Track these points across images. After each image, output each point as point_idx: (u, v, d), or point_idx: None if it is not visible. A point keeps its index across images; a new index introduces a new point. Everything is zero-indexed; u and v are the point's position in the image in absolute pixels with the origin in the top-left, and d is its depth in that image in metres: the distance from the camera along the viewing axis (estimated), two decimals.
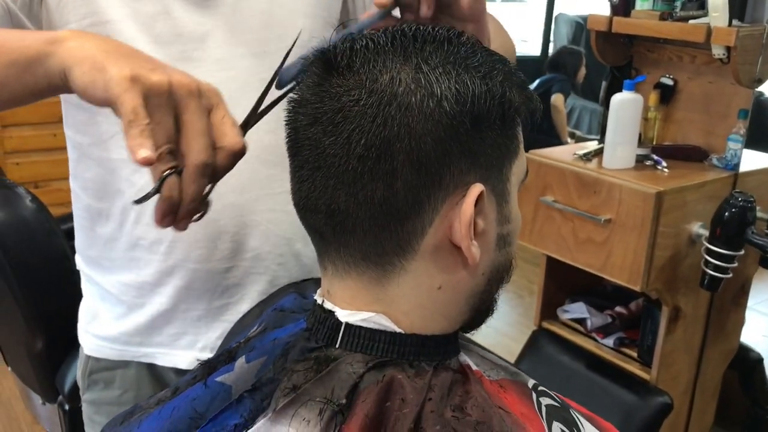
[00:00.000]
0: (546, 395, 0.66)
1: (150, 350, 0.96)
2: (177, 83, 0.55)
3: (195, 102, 0.55)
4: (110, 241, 0.93)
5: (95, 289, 0.99)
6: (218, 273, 0.91)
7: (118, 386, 0.99)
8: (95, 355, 1.00)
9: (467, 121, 0.54)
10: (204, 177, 0.55)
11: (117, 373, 0.99)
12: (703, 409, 2.04)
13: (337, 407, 0.55)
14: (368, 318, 0.59)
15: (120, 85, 0.53)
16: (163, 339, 0.95)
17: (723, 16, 1.66)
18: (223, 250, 0.90)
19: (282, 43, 0.88)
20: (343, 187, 0.54)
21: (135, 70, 0.54)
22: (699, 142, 1.91)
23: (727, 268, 1.62)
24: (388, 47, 0.55)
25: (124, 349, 0.97)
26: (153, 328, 0.95)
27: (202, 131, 0.55)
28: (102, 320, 0.99)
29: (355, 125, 0.53)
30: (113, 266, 0.95)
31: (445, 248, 0.57)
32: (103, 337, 0.99)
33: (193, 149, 0.55)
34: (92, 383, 1.01)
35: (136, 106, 0.53)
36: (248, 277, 0.93)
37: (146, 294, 0.93)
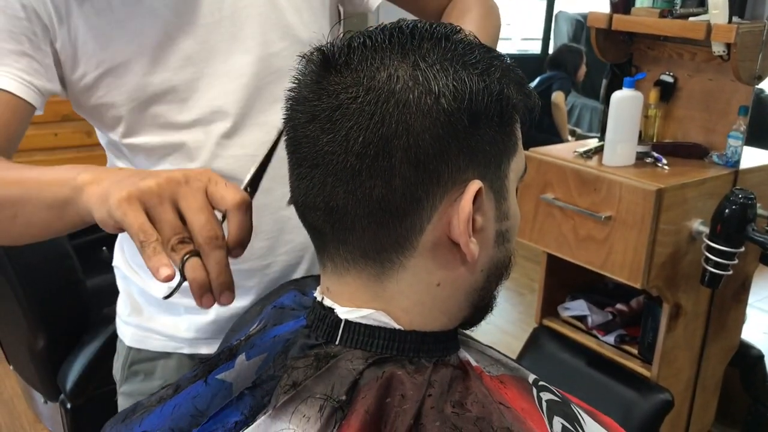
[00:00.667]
0: (547, 390, 0.66)
1: (194, 341, 1.01)
2: (164, 180, 0.58)
3: (184, 188, 0.58)
4: None
5: (138, 288, 1.03)
6: (258, 270, 0.96)
7: (158, 377, 1.03)
8: (137, 346, 1.03)
9: (465, 118, 0.54)
10: (219, 248, 0.57)
11: (158, 363, 1.03)
12: (704, 406, 2.04)
13: (337, 404, 0.55)
14: (368, 315, 0.59)
15: (119, 209, 0.57)
16: (210, 334, 1.00)
17: (723, 13, 1.65)
18: (260, 248, 0.95)
19: (283, 43, 0.92)
20: (342, 185, 0.55)
21: (127, 188, 0.57)
22: (699, 139, 1.91)
23: (728, 265, 1.62)
24: (385, 44, 0.55)
25: (169, 340, 1.02)
26: (200, 324, 0.99)
27: (200, 208, 0.57)
28: (145, 314, 1.03)
29: (353, 122, 0.53)
30: None
31: (443, 245, 0.57)
32: (147, 329, 1.03)
33: (196, 228, 0.57)
34: (131, 375, 1.04)
35: (140, 223, 0.56)
36: (287, 269, 0.98)
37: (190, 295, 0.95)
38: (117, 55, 0.86)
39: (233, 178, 0.74)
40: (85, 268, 1.89)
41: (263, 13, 0.91)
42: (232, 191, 0.59)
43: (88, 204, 0.63)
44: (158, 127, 0.90)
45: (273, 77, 0.92)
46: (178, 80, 0.89)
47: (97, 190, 0.62)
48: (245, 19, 0.90)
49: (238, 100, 0.91)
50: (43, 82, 0.84)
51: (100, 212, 0.60)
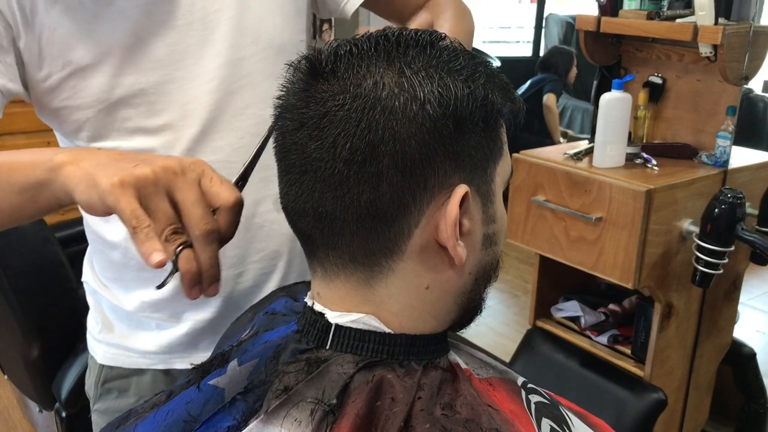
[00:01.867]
0: (535, 393, 0.67)
1: (167, 356, 0.99)
2: (160, 169, 0.58)
3: (180, 179, 0.59)
4: (122, 265, 0.96)
5: (109, 303, 1.01)
6: (230, 279, 0.95)
7: (133, 393, 1.00)
8: (109, 364, 1.01)
9: (450, 123, 0.55)
10: (212, 243, 0.58)
11: (132, 380, 1.00)
12: (698, 405, 2.05)
13: (328, 407, 0.56)
14: (357, 319, 0.60)
15: (112, 194, 0.57)
16: (183, 347, 0.98)
17: (709, 14, 1.67)
18: (231, 257, 0.93)
19: (256, 47, 0.91)
20: (330, 191, 0.55)
21: (120, 174, 0.57)
22: (688, 139, 1.93)
23: (718, 264, 1.63)
24: (371, 52, 0.56)
25: (141, 356, 0.99)
26: (172, 338, 0.98)
27: (196, 202, 0.58)
28: (116, 331, 1.00)
29: (340, 129, 0.54)
30: (129, 286, 0.97)
31: (431, 248, 0.58)
32: (118, 346, 1.00)
33: (192, 221, 0.58)
34: (105, 392, 1.02)
35: (133, 209, 0.56)
36: (260, 277, 0.96)
37: (162, 309, 0.96)
38: (84, 57, 0.84)
39: None
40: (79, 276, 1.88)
41: (234, 17, 0.89)
42: (228, 189, 0.60)
43: (67, 185, 0.62)
44: (126, 131, 0.88)
45: (244, 81, 0.90)
46: (147, 83, 0.86)
47: (78, 172, 0.61)
48: (216, 23, 0.88)
49: (208, 104, 0.89)
50: (4, 81, 0.82)
51: (87, 195, 0.60)
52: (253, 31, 0.91)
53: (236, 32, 0.89)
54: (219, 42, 0.89)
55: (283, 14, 0.94)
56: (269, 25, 0.92)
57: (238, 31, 0.90)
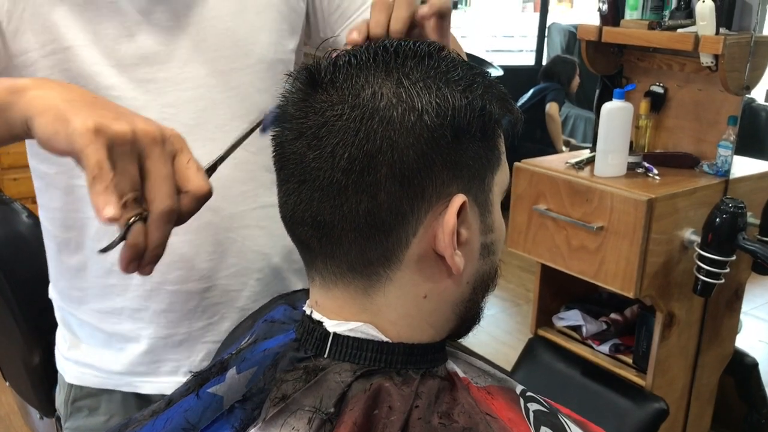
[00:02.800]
0: (534, 401, 0.67)
1: (133, 379, 0.95)
2: (140, 131, 0.54)
3: (159, 149, 0.55)
4: (80, 270, 0.92)
5: (71, 318, 0.97)
6: (197, 293, 0.91)
7: (103, 412, 0.97)
8: (77, 383, 0.98)
9: (448, 133, 0.55)
10: (169, 223, 0.55)
11: (102, 399, 0.97)
12: (700, 415, 2.04)
13: (326, 416, 0.56)
14: (355, 328, 0.60)
15: (83, 137, 0.52)
16: (144, 368, 0.94)
17: (710, 24, 1.67)
18: (201, 269, 0.90)
19: (247, 60, 0.89)
20: (328, 200, 0.56)
21: (98, 120, 0.53)
22: (690, 149, 1.93)
23: (720, 273, 1.63)
24: (370, 63, 0.56)
25: (107, 377, 0.96)
26: (134, 356, 0.94)
27: (166, 177, 0.55)
28: (82, 348, 0.97)
29: (339, 139, 0.54)
30: (85, 296, 0.93)
31: (429, 258, 0.58)
32: (85, 364, 0.97)
33: (157, 196, 0.54)
34: (75, 410, 0.99)
35: (100, 159, 0.52)
36: (228, 294, 0.93)
37: (125, 320, 0.93)
38: (67, 39, 0.80)
39: None
40: None
41: (230, 28, 0.88)
42: (202, 177, 0.57)
43: (28, 111, 0.56)
44: None
45: (232, 93, 0.88)
46: (129, 78, 0.83)
47: (44, 100, 0.56)
48: (210, 30, 0.86)
49: (191, 111, 0.86)
50: None
51: (51, 128, 0.54)
52: (246, 44, 0.89)
53: (230, 43, 0.88)
54: (211, 49, 0.87)
55: (278, 32, 0.92)
56: (263, 40, 0.90)
57: (232, 42, 0.88)
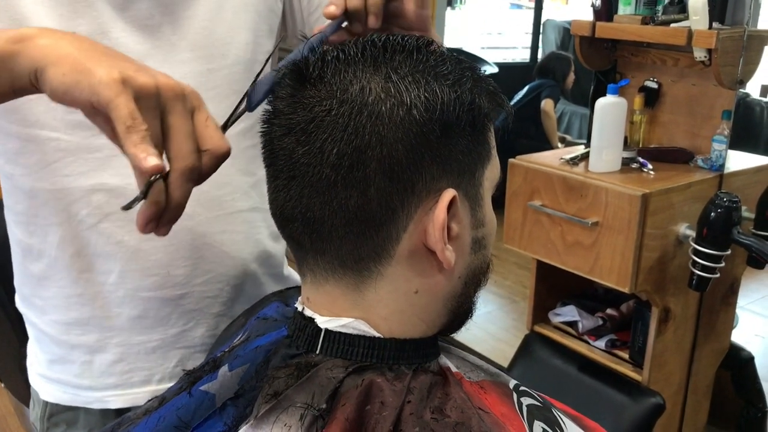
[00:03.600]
0: (527, 395, 0.67)
1: (101, 394, 0.90)
2: (164, 85, 0.53)
3: (181, 105, 0.54)
4: (43, 279, 0.88)
5: (34, 330, 0.93)
6: (172, 300, 0.88)
7: (82, 426, 0.93)
8: (51, 400, 0.93)
9: (437, 128, 0.55)
10: (191, 181, 0.53)
11: (80, 412, 0.92)
12: (696, 409, 2.04)
13: (318, 412, 0.56)
14: (347, 324, 0.60)
15: (111, 88, 0.50)
16: (114, 379, 0.89)
17: (703, 19, 1.67)
18: (177, 275, 0.87)
19: (224, 60, 0.86)
20: (318, 196, 0.55)
21: (123, 71, 0.51)
22: (684, 143, 1.93)
23: (715, 268, 1.63)
24: (358, 58, 0.56)
25: (76, 393, 0.91)
26: (103, 367, 0.89)
27: (189, 134, 0.53)
28: (49, 363, 0.92)
29: (328, 135, 0.54)
30: (47, 305, 0.89)
31: (420, 253, 0.58)
32: (54, 380, 0.92)
33: (180, 153, 0.53)
34: (52, 426, 0.94)
35: (132, 110, 0.50)
36: (203, 301, 0.90)
37: (91, 330, 0.88)
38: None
39: None
40: None
41: (207, 27, 0.85)
42: (219, 136, 0.55)
43: (37, 60, 0.53)
44: (70, 124, 0.79)
45: (211, 94, 0.82)
46: None
47: (55, 49, 0.53)
48: (187, 29, 0.84)
49: None
50: None
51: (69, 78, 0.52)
52: (223, 45, 0.86)
53: (207, 42, 0.85)
54: (187, 49, 0.84)
55: (254, 32, 0.89)
56: (241, 40, 0.88)
57: (209, 41, 0.85)
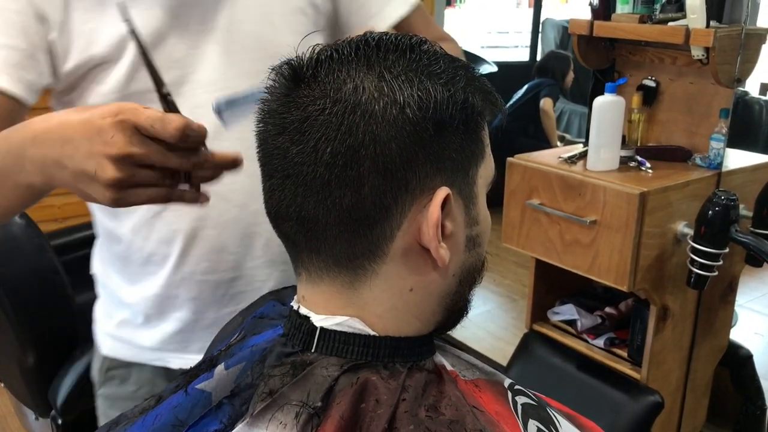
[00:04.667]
0: (522, 394, 0.67)
1: (164, 355, 1.03)
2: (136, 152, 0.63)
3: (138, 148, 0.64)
4: (123, 258, 1.00)
5: (111, 296, 1.06)
6: (224, 283, 0.98)
7: (133, 383, 1.05)
8: (110, 355, 1.06)
9: (430, 126, 0.55)
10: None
11: (133, 369, 1.05)
12: (695, 407, 2.05)
13: (313, 410, 0.56)
14: (342, 322, 0.60)
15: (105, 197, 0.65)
16: (175, 345, 1.02)
17: (701, 17, 1.67)
18: (228, 261, 0.96)
19: (273, 62, 0.90)
20: (312, 195, 0.56)
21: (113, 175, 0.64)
22: (682, 142, 1.93)
23: (713, 266, 1.63)
24: (351, 57, 0.56)
25: (140, 352, 1.04)
26: (167, 335, 1.01)
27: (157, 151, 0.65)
28: (118, 324, 1.05)
29: (321, 134, 0.54)
30: (129, 279, 1.01)
31: (414, 251, 0.58)
32: (119, 339, 1.05)
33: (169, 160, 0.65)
34: (108, 379, 1.08)
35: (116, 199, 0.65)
36: (253, 284, 0.99)
37: (159, 305, 1.00)
38: (108, 50, 0.87)
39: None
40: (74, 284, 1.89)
41: (258, 31, 0.91)
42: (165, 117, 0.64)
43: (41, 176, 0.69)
44: None
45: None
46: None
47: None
48: (238, 34, 0.91)
49: None
50: (34, 76, 0.85)
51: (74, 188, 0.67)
52: (272, 47, 0.91)
53: (257, 45, 0.92)
54: (238, 52, 0.91)
55: (302, 34, 0.93)
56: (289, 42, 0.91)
57: (259, 45, 0.92)
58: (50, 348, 1.77)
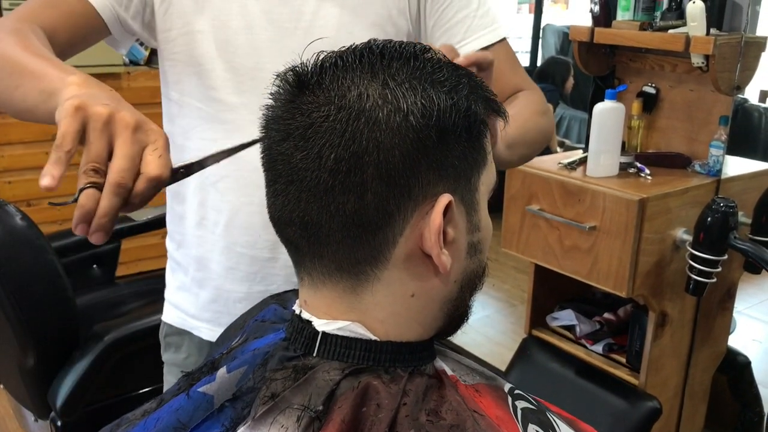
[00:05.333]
0: (522, 399, 0.67)
1: (200, 324, 1.09)
2: (118, 116, 0.61)
3: (128, 133, 0.61)
4: (182, 218, 1.07)
5: (171, 261, 1.14)
6: (261, 260, 1.02)
7: (184, 350, 1.12)
8: (166, 321, 1.14)
9: (433, 134, 0.55)
10: (117, 196, 0.60)
11: (185, 337, 1.12)
12: (693, 413, 2.05)
13: (314, 414, 0.57)
14: (344, 327, 0.61)
15: (64, 111, 0.60)
16: (210, 315, 1.07)
17: (701, 25, 1.68)
18: (268, 240, 1.00)
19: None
20: (316, 200, 0.56)
21: (84, 101, 0.61)
22: (682, 149, 1.94)
23: (712, 273, 1.64)
24: (356, 64, 0.57)
25: (184, 318, 1.11)
26: (205, 302, 1.07)
27: (126, 156, 0.60)
28: (173, 288, 1.13)
29: (325, 140, 0.55)
30: (183, 240, 1.09)
31: (416, 257, 0.59)
32: (173, 304, 1.13)
33: (112, 169, 0.60)
34: (167, 346, 1.16)
35: (65, 132, 0.59)
36: (287, 269, 1.00)
37: (203, 268, 1.06)
38: (201, 25, 0.96)
39: None
40: (75, 285, 1.89)
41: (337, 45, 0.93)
42: (159, 165, 0.62)
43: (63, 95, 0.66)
44: (208, 98, 0.99)
45: None
46: (241, 65, 0.97)
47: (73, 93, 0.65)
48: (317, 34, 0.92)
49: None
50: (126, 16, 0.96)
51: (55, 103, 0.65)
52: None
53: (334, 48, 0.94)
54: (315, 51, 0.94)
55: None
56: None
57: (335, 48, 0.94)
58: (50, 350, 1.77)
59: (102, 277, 2.32)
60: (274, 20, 0.97)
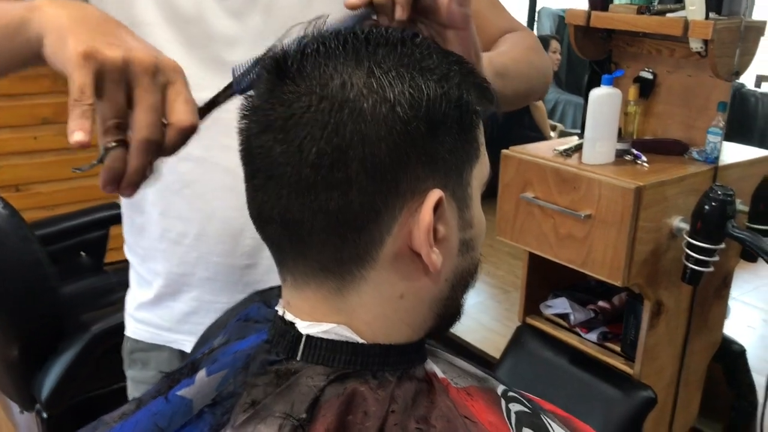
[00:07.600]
0: (516, 401, 0.65)
1: (179, 337, 1.02)
2: (133, 59, 0.55)
3: (148, 78, 0.55)
4: (142, 230, 1.00)
5: (134, 273, 1.07)
6: (240, 268, 0.96)
7: (153, 367, 1.06)
8: (133, 337, 1.08)
9: (422, 126, 0.52)
10: (148, 153, 0.55)
11: (152, 355, 1.06)
12: (688, 402, 2.04)
13: (297, 422, 0.54)
14: (329, 329, 0.58)
15: (72, 61, 0.53)
16: (191, 327, 0.99)
17: (700, 9, 1.65)
18: (245, 246, 0.94)
19: None
20: (297, 197, 0.53)
21: (90, 45, 0.54)
22: (679, 135, 1.91)
23: (708, 261, 1.61)
24: (339, 51, 0.53)
25: (157, 333, 1.04)
26: (182, 315, 1.01)
27: (150, 107, 0.55)
28: (138, 304, 1.06)
29: (307, 132, 0.51)
30: (145, 254, 1.02)
31: (405, 256, 0.56)
32: (139, 320, 1.06)
33: (138, 125, 0.55)
34: (132, 362, 1.09)
35: (83, 84, 0.53)
36: (269, 274, 0.94)
37: (174, 283, 1.00)
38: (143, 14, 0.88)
39: None
40: (63, 274, 1.86)
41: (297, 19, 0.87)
42: (188, 111, 0.57)
43: (42, 27, 0.59)
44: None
45: None
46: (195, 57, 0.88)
47: (55, 18, 0.58)
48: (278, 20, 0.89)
49: None
50: None
51: (52, 49, 0.57)
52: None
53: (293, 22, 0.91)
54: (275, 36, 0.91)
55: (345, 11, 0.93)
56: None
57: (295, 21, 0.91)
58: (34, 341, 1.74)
59: (90, 265, 2.29)
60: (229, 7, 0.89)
